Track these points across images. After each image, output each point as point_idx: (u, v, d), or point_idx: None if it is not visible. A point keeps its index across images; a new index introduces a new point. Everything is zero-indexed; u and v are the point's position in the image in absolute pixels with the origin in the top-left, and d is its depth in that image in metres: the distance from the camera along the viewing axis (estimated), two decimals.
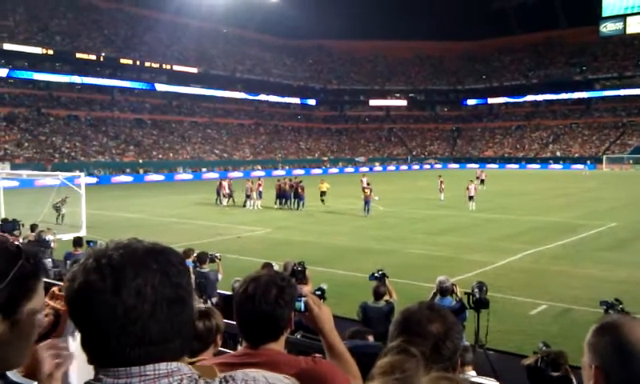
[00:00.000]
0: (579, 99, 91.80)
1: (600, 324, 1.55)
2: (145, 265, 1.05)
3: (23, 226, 14.96)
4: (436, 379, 0.85)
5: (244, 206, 30.74)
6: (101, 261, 1.05)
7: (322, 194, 31.89)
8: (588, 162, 72.74)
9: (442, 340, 1.63)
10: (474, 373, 4.93)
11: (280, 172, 64.01)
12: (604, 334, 1.51)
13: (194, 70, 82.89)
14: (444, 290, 7.23)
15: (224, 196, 32.43)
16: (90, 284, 1.04)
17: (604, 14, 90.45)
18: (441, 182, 34.06)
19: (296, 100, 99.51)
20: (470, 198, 29.00)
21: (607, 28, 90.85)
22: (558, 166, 77.71)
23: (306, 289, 6.50)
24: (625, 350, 1.46)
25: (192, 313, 1.13)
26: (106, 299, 1.03)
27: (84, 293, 1.04)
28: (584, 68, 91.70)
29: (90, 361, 1.09)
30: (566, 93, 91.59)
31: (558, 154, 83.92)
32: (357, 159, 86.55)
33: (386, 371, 0.90)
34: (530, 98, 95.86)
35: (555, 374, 5.41)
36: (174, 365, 1.07)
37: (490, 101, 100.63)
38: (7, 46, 63.72)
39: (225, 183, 33.03)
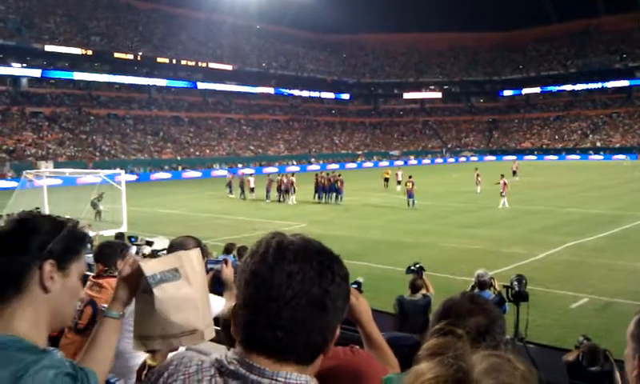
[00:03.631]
0: (620, 88, 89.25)
1: None
2: (306, 258, 1.12)
3: None
4: (486, 357, 0.85)
5: (281, 201, 31.09)
6: (276, 241, 1.15)
7: (386, 180, 37.75)
8: (638, 153, 70.67)
9: (483, 334, 1.61)
10: None
11: (314, 167, 64.14)
12: None
13: (229, 67, 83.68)
14: (482, 284, 7.16)
15: (250, 191, 33.55)
16: (258, 256, 1.14)
17: None
18: (477, 174, 33.66)
19: (330, 95, 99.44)
20: (501, 194, 26.62)
21: None
22: (599, 157, 75.63)
23: None
24: None
25: (329, 326, 1.15)
26: (262, 271, 1.11)
27: (252, 261, 1.14)
28: (624, 56, 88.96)
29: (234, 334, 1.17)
30: (606, 81, 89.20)
31: (598, 144, 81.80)
32: (391, 153, 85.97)
33: (435, 352, 0.92)
34: (568, 87, 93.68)
35: (594, 368, 5.34)
36: (303, 378, 1.11)
37: (527, 91, 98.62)
38: (48, 48, 65.50)
39: (251, 178, 34.27)
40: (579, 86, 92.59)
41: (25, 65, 65.39)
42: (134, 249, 9.06)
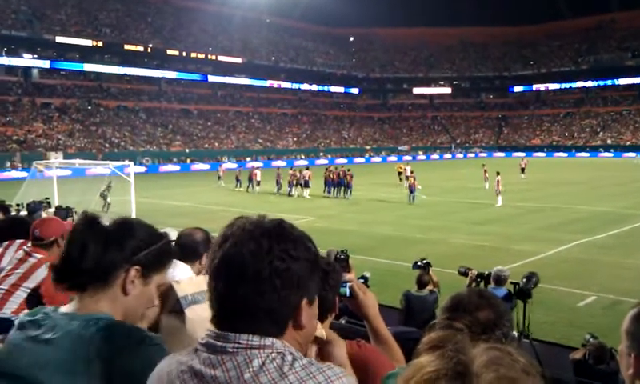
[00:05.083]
0: (631, 85, 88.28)
1: (638, 310, 1.52)
2: (245, 242, 1.22)
3: (76, 213, 15.46)
4: (487, 350, 0.85)
5: (291, 194, 31.22)
6: (224, 230, 1.28)
7: (400, 173, 36.46)
8: None
9: (491, 328, 1.63)
10: None
11: (323, 161, 64.11)
12: None
13: (239, 60, 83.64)
14: (501, 280, 7.09)
15: (257, 184, 33.66)
16: (214, 244, 1.26)
17: None
18: (485, 170, 33.57)
19: (339, 89, 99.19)
20: (497, 192, 25.94)
21: None
22: (609, 155, 75.06)
23: (349, 276, 6.48)
24: None
25: (271, 307, 1.18)
26: (210, 257, 1.24)
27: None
28: (636, 52, 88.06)
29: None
30: (617, 78, 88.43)
31: (609, 141, 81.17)
32: (400, 148, 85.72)
33: (435, 345, 0.90)
34: (579, 84, 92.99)
35: (600, 367, 5.33)
36: (268, 340, 1.16)
37: (538, 87, 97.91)
38: (59, 39, 65.74)
39: (257, 171, 34.34)
40: (590, 83, 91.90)
41: (36, 56, 65.74)
42: None
